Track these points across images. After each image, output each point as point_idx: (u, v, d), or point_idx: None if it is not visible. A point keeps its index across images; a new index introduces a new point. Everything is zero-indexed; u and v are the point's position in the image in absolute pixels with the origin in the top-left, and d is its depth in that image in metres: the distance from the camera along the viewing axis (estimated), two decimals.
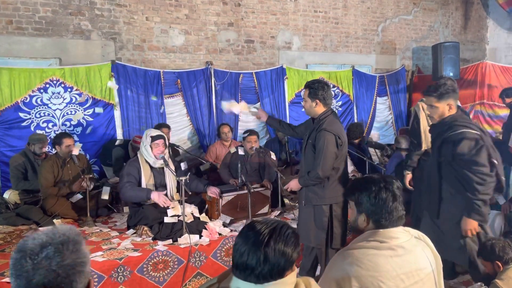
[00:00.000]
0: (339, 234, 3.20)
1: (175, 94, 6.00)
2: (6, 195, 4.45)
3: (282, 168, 4.27)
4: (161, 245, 3.41)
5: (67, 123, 5.35)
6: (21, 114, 5.09)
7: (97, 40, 5.65)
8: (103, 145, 5.47)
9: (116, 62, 5.58)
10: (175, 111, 6.04)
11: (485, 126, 7.31)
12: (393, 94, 7.70)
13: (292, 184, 3.30)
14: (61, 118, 5.32)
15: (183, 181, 3.47)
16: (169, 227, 3.57)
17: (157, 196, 3.63)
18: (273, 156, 4.93)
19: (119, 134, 5.64)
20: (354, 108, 7.31)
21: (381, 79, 7.56)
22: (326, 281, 1.65)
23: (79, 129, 5.40)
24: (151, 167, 3.84)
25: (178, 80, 5.96)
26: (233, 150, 4.89)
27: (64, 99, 5.32)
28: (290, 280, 1.31)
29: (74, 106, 5.38)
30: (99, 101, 5.51)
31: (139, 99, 5.75)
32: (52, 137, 5.19)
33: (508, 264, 2.89)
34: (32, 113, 5.15)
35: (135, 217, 3.75)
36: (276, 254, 1.28)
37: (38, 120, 5.19)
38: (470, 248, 2.93)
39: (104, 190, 4.15)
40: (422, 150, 3.78)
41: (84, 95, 5.36)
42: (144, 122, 5.74)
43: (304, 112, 3.33)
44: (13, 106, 5.03)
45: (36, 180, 4.50)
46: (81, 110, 5.41)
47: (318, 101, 3.14)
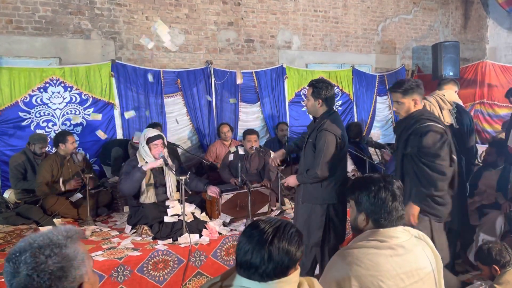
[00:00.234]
0: (337, 234, 3.20)
1: (175, 93, 6.00)
2: (6, 195, 4.45)
3: (282, 167, 4.27)
4: (161, 245, 3.41)
5: (67, 123, 5.35)
6: (21, 114, 5.09)
7: (97, 39, 5.65)
8: (103, 145, 5.48)
9: (116, 61, 5.58)
10: (175, 111, 6.04)
11: (485, 125, 7.31)
12: None
13: (290, 179, 3.32)
14: (61, 117, 5.32)
15: (183, 180, 3.47)
16: (169, 227, 3.57)
17: (150, 165, 3.66)
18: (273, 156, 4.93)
19: (119, 134, 5.64)
20: (354, 107, 7.31)
21: (381, 78, 7.56)
22: (326, 280, 1.65)
23: (79, 129, 5.40)
24: None
25: (178, 79, 5.96)
26: (233, 149, 4.89)
27: (64, 99, 5.32)
28: (293, 279, 1.33)
29: (74, 105, 5.38)
30: (99, 100, 5.51)
31: (139, 99, 5.75)
32: (52, 136, 5.20)
33: (505, 268, 2.88)
34: (32, 113, 5.15)
35: (135, 217, 3.75)
36: (280, 252, 1.29)
37: (38, 120, 5.19)
38: None
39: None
40: None
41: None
42: (144, 122, 5.74)
43: (305, 111, 3.34)
44: (13, 106, 5.03)
45: (35, 180, 4.50)
46: (81, 110, 5.41)
47: (320, 100, 3.14)
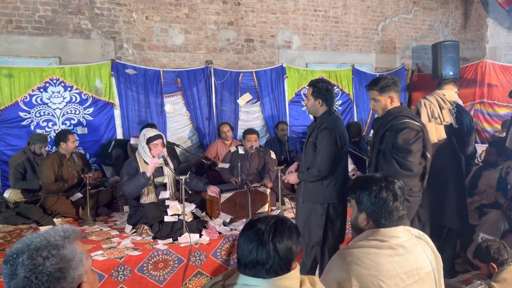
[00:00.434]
0: (337, 233, 3.20)
1: (175, 93, 6.00)
2: (6, 194, 4.45)
3: (283, 167, 4.28)
4: (161, 244, 3.41)
5: (67, 122, 5.35)
6: (21, 114, 5.09)
7: (96, 39, 5.65)
8: (103, 145, 5.48)
9: (116, 61, 5.58)
10: (175, 110, 6.03)
11: (485, 124, 7.31)
12: None
13: (291, 177, 3.32)
14: (61, 117, 5.32)
15: (183, 180, 3.47)
16: (169, 226, 3.58)
17: (150, 168, 3.65)
18: (273, 155, 4.93)
19: (119, 134, 5.64)
20: (354, 107, 7.31)
21: None
22: (326, 280, 1.65)
23: (79, 128, 5.40)
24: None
25: (178, 79, 5.96)
26: (233, 149, 4.89)
27: (64, 98, 5.31)
28: (295, 275, 1.35)
29: (74, 105, 5.38)
30: (99, 100, 5.51)
31: (139, 98, 5.75)
32: (53, 136, 5.20)
33: (503, 266, 2.89)
34: (32, 112, 5.15)
35: (135, 216, 3.75)
36: (283, 245, 1.32)
37: (38, 119, 5.19)
38: None
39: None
40: None
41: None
42: (144, 122, 5.73)
43: (305, 111, 3.34)
44: (13, 105, 5.03)
45: (35, 179, 4.50)
46: (81, 109, 5.41)
47: (321, 100, 3.14)
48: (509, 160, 4.36)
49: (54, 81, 5.24)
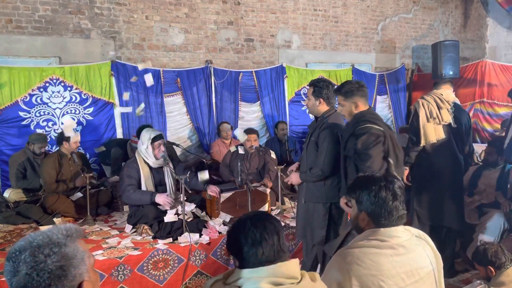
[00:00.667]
0: (338, 233, 3.20)
1: (175, 93, 6.00)
2: (6, 194, 4.45)
3: (282, 166, 4.28)
4: (161, 244, 3.41)
5: None
6: (21, 113, 5.09)
7: (96, 39, 5.65)
8: (102, 145, 5.46)
9: (116, 61, 5.58)
10: (175, 110, 6.04)
11: (485, 124, 7.31)
12: (393, 93, 7.70)
13: (293, 177, 3.32)
14: (61, 117, 5.32)
15: (183, 180, 3.47)
16: (169, 226, 3.58)
17: (161, 199, 3.65)
18: (273, 155, 4.93)
19: (119, 133, 5.64)
20: None
21: (381, 77, 7.56)
22: (326, 280, 1.65)
23: (78, 128, 5.40)
24: (150, 166, 3.85)
25: (178, 79, 5.96)
26: (233, 149, 4.89)
27: (64, 98, 5.32)
28: (293, 262, 1.44)
29: (74, 105, 5.38)
30: (99, 100, 5.51)
31: (138, 98, 5.75)
32: (52, 136, 5.21)
33: (500, 269, 2.88)
34: (32, 112, 5.15)
35: (135, 216, 3.75)
36: (268, 230, 1.45)
37: (38, 119, 5.19)
38: None
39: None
40: (420, 146, 3.79)
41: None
42: (144, 121, 5.74)
43: (305, 110, 3.34)
44: (13, 105, 5.03)
45: (35, 178, 4.51)
46: (81, 109, 5.42)
47: (322, 99, 3.15)
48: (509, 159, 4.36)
49: (54, 80, 5.24)
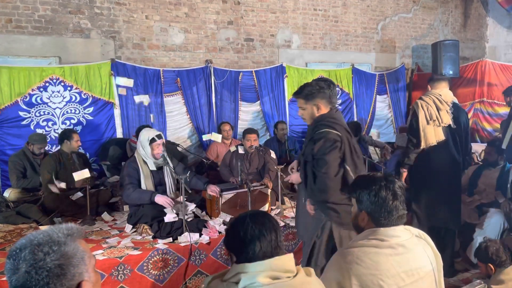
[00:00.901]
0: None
1: (175, 92, 6.00)
2: (6, 194, 4.45)
3: (282, 166, 4.29)
4: (161, 244, 3.41)
5: (67, 122, 5.35)
6: (21, 113, 5.09)
7: (96, 38, 5.64)
8: (102, 144, 5.48)
9: (115, 60, 5.58)
10: (175, 110, 6.04)
11: (485, 124, 7.32)
12: (393, 93, 7.71)
13: (294, 177, 3.31)
14: (61, 116, 5.32)
15: (183, 179, 3.47)
16: (169, 226, 3.57)
17: (161, 199, 3.65)
18: (273, 155, 4.93)
19: (118, 133, 5.64)
20: (354, 106, 7.31)
21: (380, 77, 7.56)
22: (326, 279, 1.65)
23: (78, 128, 5.40)
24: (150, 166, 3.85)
25: (178, 78, 5.96)
26: (233, 149, 4.89)
27: (64, 98, 5.32)
28: (288, 257, 1.49)
29: (74, 104, 5.38)
30: (99, 99, 5.51)
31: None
32: (52, 135, 5.21)
33: (500, 267, 2.89)
34: (32, 112, 5.15)
35: (135, 216, 3.75)
36: (267, 227, 1.50)
37: (38, 119, 5.19)
38: None
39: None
40: (421, 148, 3.77)
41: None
42: (144, 121, 5.74)
43: None
44: (13, 105, 5.03)
45: (35, 178, 4.51)
46: (81, 109, 5.42)
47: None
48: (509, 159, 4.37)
49: (54, 80, 5.24)
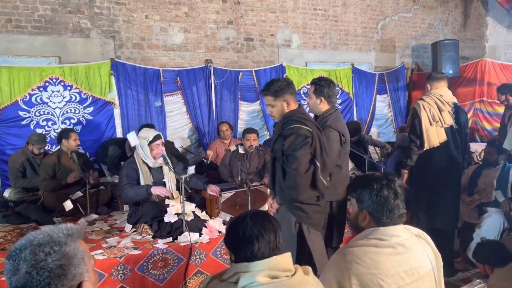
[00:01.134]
0: (339, 232, 3.20)
1: (174, 92, 6.00)
2: (6, 194, 4.45)
3: None
4: (161, 243, 3.41)
5: (67, 122, 5.35)
6: (21, 113, 5.08)
7: (96, 38, 5.64)
8: (102, 144, 5.47)
9: (115, 60, 5.58)
10: (175, 109, 6.04)
11: (485, 123, 7.32)
12: (393, 92, 7.71)
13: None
14: (61, 116, 5.32)
15: (183, 179, 3.47)
16: (169, 225, 3.57)
17: (157, 190, 3.65)
18: None
19: (118, 133, 5.64)
20: (354, 106, 7.31)
21: (380, 77, 7.56)
22: (326, 278, 1.65)
23: (78, 128, 5.40)
24: (149, 166, 3.85)
25: (178, 78, 5.96)
26: (233, 148, 4.89)
27: (63, 98, 5.31)
28: (286, 256, 1.51)
29: (73, 104, 5.38)
30: (99, 99, 5.51)
31: (138, 98, 5.75)
32: (52, 135, 5.20)
33: (498, 268, 2.90)
34: (32, 112, 5.14)
35: (135, 215, 3.75)
36: (266, 227, 1.53)
37: (38, 119, 5.19)
38: None
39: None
40: (424, 149, 3.76)
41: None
42: (144, 121, 5.74)
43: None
44: (13, 105, 5.03)
45: (35, 178, 4.51)
46: (81, 108, 5.41)
47: (323, 98, 3.14)
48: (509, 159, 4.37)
49: (54, 80, 5.23)
